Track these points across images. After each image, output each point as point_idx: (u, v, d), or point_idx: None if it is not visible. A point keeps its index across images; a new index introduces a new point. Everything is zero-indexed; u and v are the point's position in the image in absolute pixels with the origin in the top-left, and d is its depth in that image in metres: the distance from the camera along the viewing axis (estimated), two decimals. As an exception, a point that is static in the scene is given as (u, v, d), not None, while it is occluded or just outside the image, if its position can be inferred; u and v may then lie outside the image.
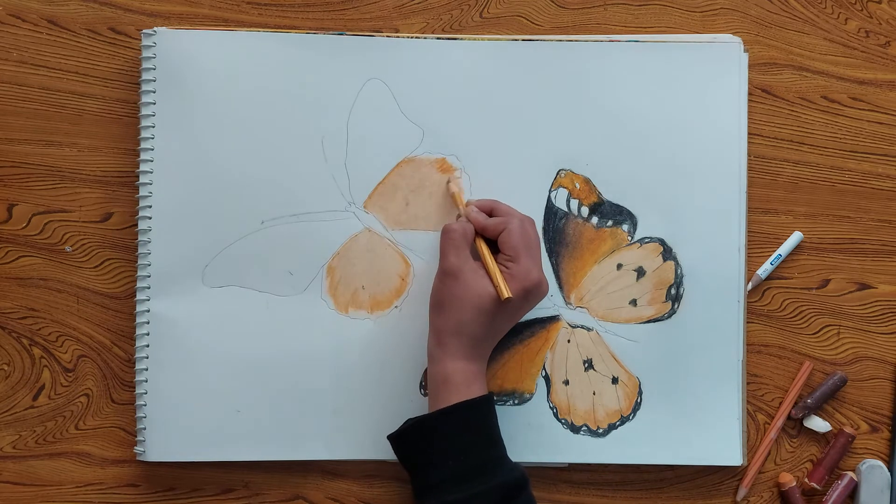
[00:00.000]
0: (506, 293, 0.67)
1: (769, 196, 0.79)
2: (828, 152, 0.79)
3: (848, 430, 0.78)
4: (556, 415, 0.76)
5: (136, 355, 0.74)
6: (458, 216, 0.73)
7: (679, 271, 0.76)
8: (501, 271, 0.68)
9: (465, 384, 0.67)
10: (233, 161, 0.75)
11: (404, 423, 0.69)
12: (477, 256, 0.70)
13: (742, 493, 0.77)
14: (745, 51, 0.77)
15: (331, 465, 0.76)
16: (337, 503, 0.76)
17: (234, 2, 0.77)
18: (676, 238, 0.77)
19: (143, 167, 0.74)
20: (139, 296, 0.74)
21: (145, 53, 0.74)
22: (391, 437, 0.69)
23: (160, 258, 0.74)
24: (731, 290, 0.76)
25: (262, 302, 0.75)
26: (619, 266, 0.77)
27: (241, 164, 0.75)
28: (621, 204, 0.76)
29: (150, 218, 0.74)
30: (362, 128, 0.75)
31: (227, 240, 0.75)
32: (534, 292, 0.69)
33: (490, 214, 0.72)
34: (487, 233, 0.71)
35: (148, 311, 0.74)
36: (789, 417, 0.78)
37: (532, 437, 0.75)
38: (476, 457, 0.66)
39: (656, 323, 0.76)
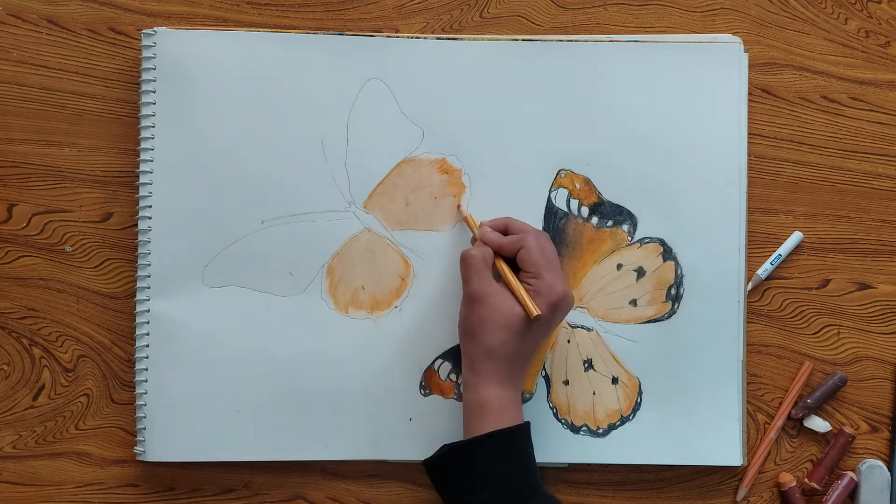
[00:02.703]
0: (534, 311, 0.67)
1: (769, 196, 0.79)
2: (828, 152, 0.79)
3: (848, 430, 0.78)
4: (556, 415, 0.76)
5: (136, 355, 0.74)
6: (473, 239, 0.73)
7: (679, 271, 0.76)
8: (526, 289, 0.68)
9: (499, 411, 0.67)
10: (233, 161, 0.75)
11: (440, 449, 0.69)
12: (499, 278, 0.70)
13: (742, 493, 0.77)
14: (745, 51, 0.77)
15: (331, 465, 0.76)
16: (337, 503, 0.76)
17: (234, 2, 0.77)
18: (676, 238, 0.76)
19: (143, 167, 0.74)
20: (139, 296, 0.74)
21: (145, 53, 0.74)
22: (427, 463, 0.69)
23: (160, 258, 0.74)
24: (731, 290, 0.76)
25: (262, 302, 0.75)
26: (619, 266, 0.77)
27: (241, 164, 0.75)
28: (621, 204, 0.76)
29: (150, 218, 0.74)
30: (362, 128, 0.75)
31: (227, 240, 0.75)
32: (561, 305, 0.68)
33: (504, 232, 0.72)
34: (504, 252, 0.70)
35: (148, 311, 0.74)
36: (789, 417, 0.78)
37: (532, 436, 0.75)
38: (511, 486, 0.66)
39: (656, 323, 0.76)
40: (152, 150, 0.74)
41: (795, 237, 0.78)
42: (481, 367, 0.67)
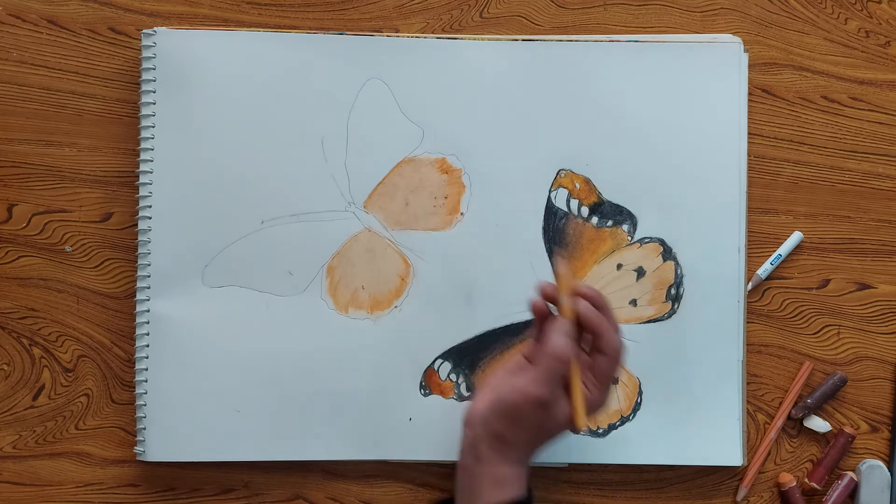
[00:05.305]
0: (582, 425, 0.66)
1: (769, 196, 0.79)
2: (828, 152, 0.79)
3: (848, 430, 0.78)
4: (556, 415, 0.76)
5: (136, 355, 0.74)
6: (561, 304, 0.67)
7: (679, 271, 0.76)
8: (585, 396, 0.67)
9: (515, 484, 0.66)
10: (233, 161, 0.75)
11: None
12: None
13: (742, 493, 0.77)
14: (745, 51, 0.77)
15: (331, 465, 0.76)
16: (337, 503, 0.76)
17: (234, 2, 0.77)
18: (676, 238, 0.76)
19: (143, 167, 0.74)
20: (139, 296, 0.74)
21: (145, 53, 0.74)
22: None
23: (160, 258, 0.74)
24: (731, 290, 0.76)
25: (262, 302, 0.75)
26: (619, 266, 0.77)
27: (241, 164, 0.75)
28: (621, 204, 0.76)
29: (150, 218, 0.74)
30: (362, 128, 0.75)
31: (227, 240, 0.75)
32: (589, 422, 0.69)
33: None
34: (590, 328, 0.66)
35: (148, 311, 0.74)
36: (789, 417, 0.78)
37: (532, 437, 0.75)
38: None
39: (656, 323, 0.76)
40: (152, 150, 0.74)
41: (795, 237, 0.78)
42: (510, 454, 0.66)
